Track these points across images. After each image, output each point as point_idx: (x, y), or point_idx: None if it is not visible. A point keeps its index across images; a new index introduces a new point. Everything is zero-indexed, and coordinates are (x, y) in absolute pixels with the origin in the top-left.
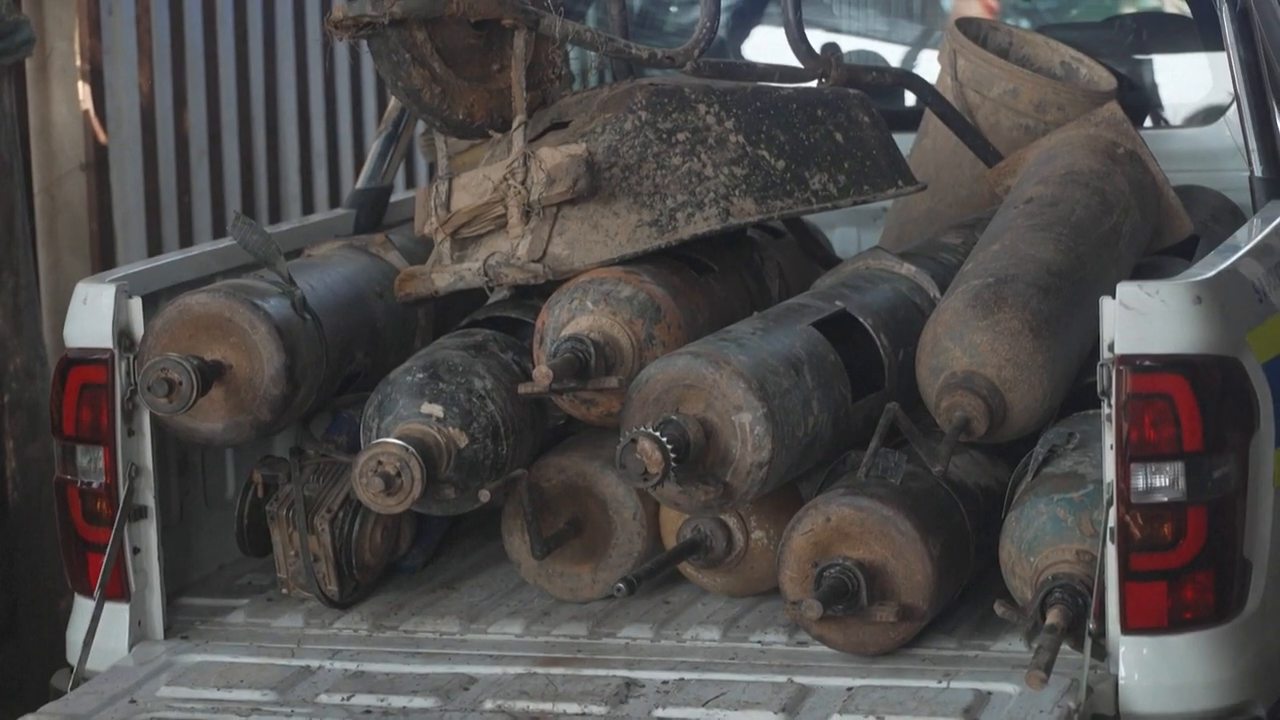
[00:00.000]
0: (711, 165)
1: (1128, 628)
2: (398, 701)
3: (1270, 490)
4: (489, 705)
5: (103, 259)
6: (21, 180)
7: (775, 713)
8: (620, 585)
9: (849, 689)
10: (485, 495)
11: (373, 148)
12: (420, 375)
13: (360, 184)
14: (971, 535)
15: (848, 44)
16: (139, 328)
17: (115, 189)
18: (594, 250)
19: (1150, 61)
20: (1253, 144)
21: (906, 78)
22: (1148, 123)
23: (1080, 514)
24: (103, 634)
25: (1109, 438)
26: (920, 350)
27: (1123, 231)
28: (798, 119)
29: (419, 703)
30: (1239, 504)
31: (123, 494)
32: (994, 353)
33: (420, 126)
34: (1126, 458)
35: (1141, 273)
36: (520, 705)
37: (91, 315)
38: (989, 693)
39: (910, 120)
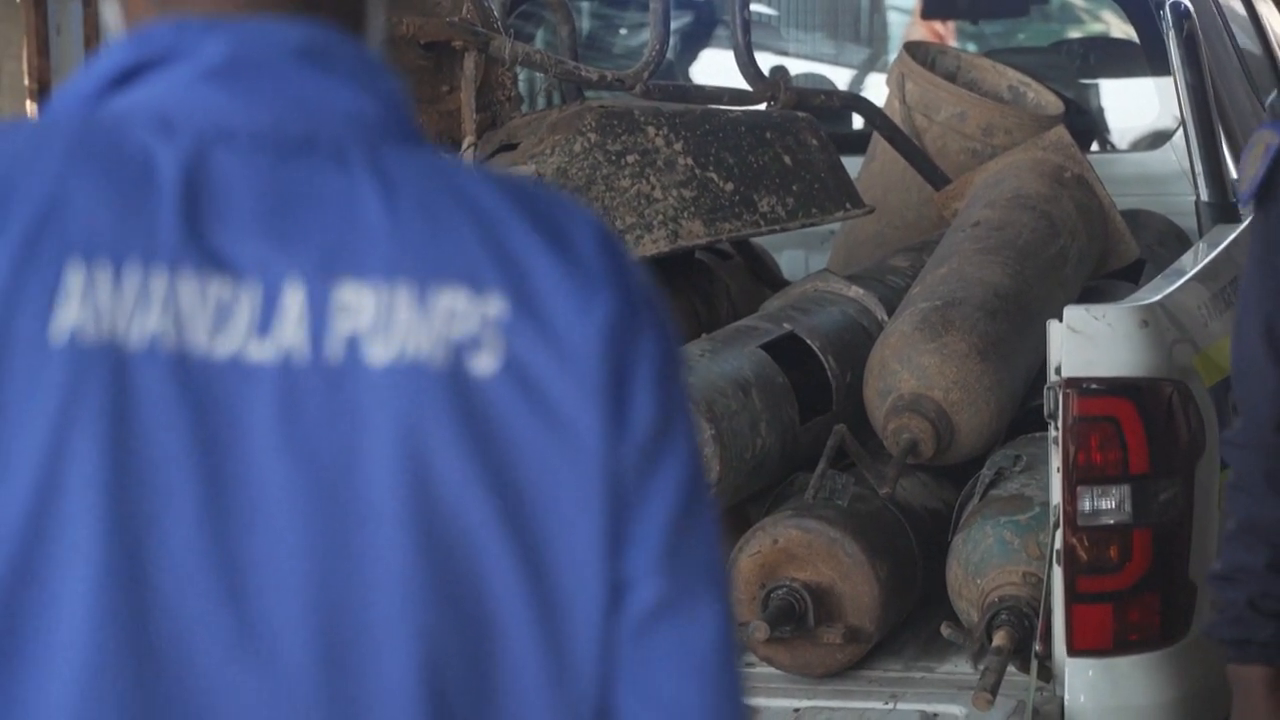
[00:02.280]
0: (660, 187)
1: (1074, 650)
2: None
3: (1216, 513)
4: None
5: None
6: None
7: None
8: None
9: (796, 710)
10: None
11: None
12: None
13: None
14: (919, 557)
15: (796, 67)
16: None
17: None
18: None
19: (1097, 86)
20: (1199, 168)
21: (854, 101)
22: (1095, 147)
23: (1027, 536)
24: None
25: (1055, 460)
26: (868, 373)
27: (1069, 255)
28: (746, 142)
29: None
30: (1185, 527)
31: None
32: (941, 375)
33: None
34: (1073, 480)
35: (1088, 296)
36: None
37: None
38: (935, 714)
39: (858, 143)
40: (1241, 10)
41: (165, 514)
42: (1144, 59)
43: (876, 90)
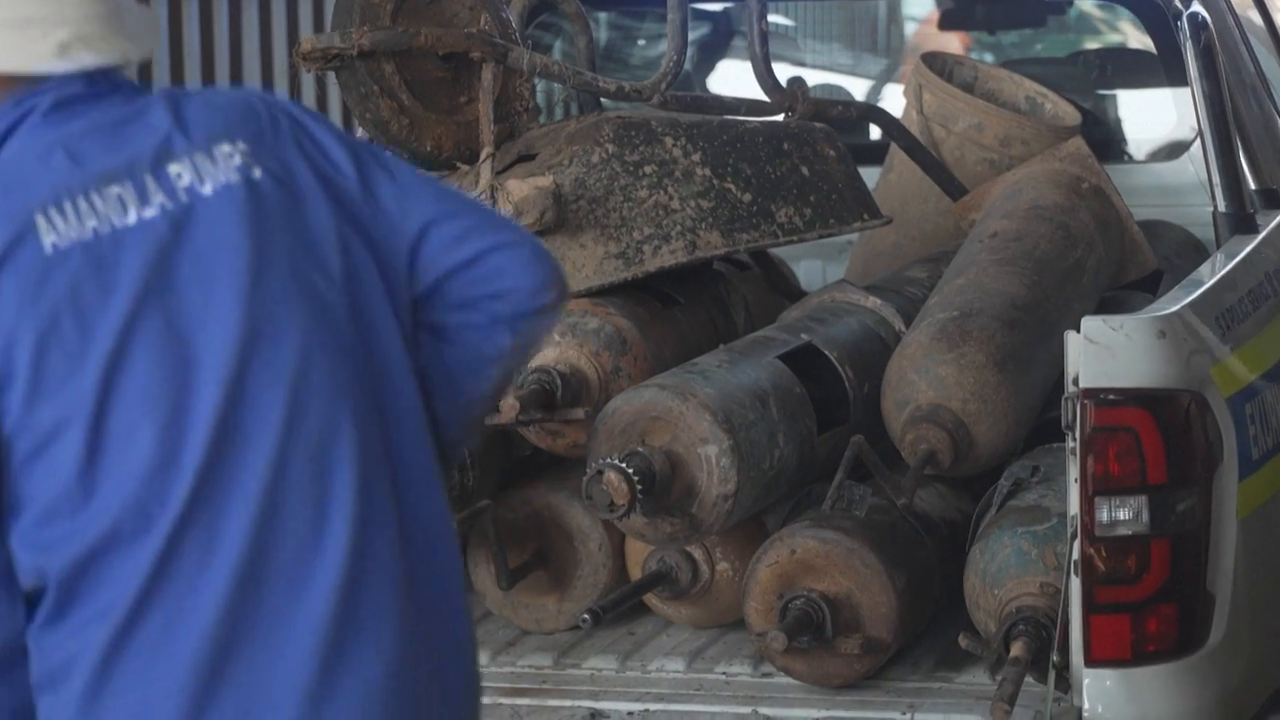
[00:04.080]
0: (678, 198)
1: (1091, 660)
2: None
3: (1233, 524)
4: None
5: None
6: None
7: None
8: (586, 616)
9: None
10: None
11: None
12: None
13: None
14: (936, 568)
15: (813, 78)
16: None
17: None
18: None
19: (1114, 97)
20: (1216, 179)
21: (872, 112)
22: (1112, 157)
23: (1044, 547)
24: None
25: (1073, 471)
26: (885, 383)
27: (1087, 266)
28: (764, 152)
29: None
30: (1202, 537)
31: None
32: (959, 386)
33: None
34: (1090, 491)
35: (1105, 307)
36: None
37: None
38: None
39: (876, 154)
40: (1259, 21)
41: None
42: (1161, 70)
43: (893, 101)
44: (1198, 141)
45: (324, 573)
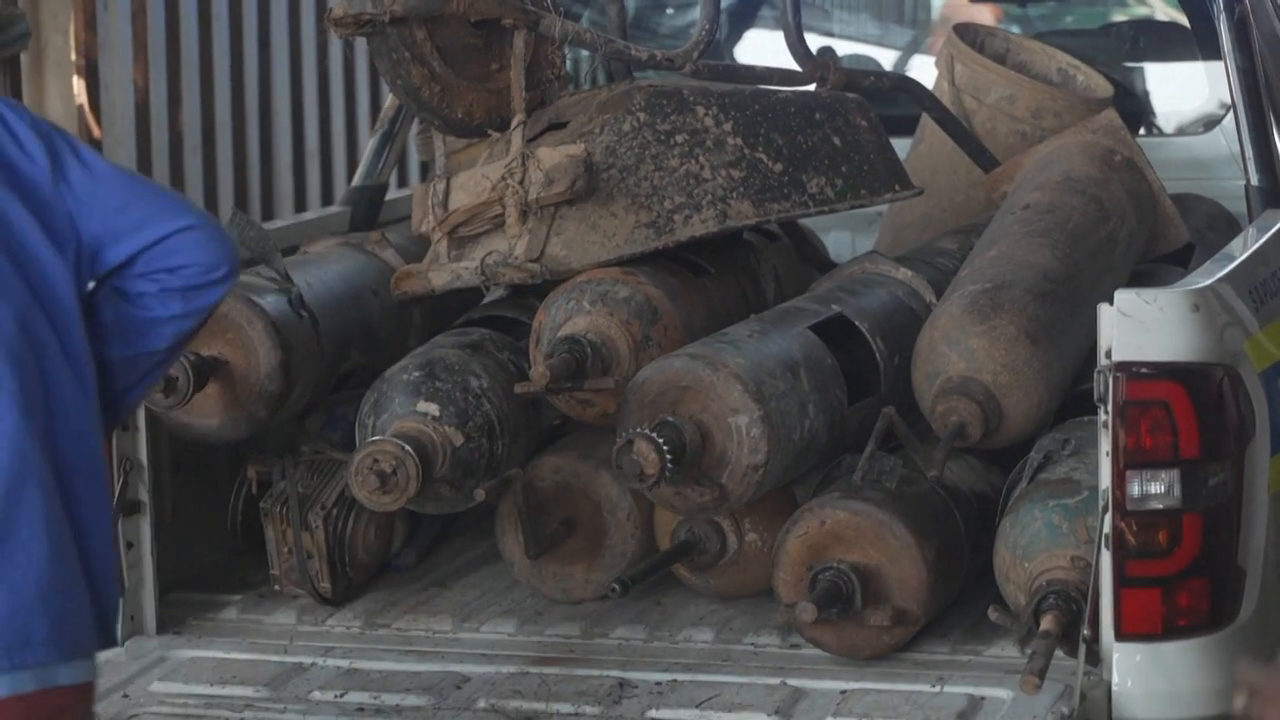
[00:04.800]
0: (709, 167)
1: (1122, 634)
2: (390, 699)
3: (1265, 498)
4: (482, 704)
5: None
6: None
7: (769, 715)
8: (614, 586)
9: (843, 692)
10: (480, 494)
11: (369, 145)
12: (416, 373)
13: (356, 181)
14: (966, 540)
15: (844, 48)
16: None
17: None
18: (591, 251)
19: (1146, 69)
20: (1249, 152)
21: (904, 82)
22: (1144, 130)
23: (1075, 520)
24: None
25: (1105, 444)
26: (916, 355)
27: (1119, 239)
28: (796, 122)
29: (412, 700)
30: (1234, 512)
31: (117, 489)
32: (990, 358)
33: (416, 124)
34: (1122, 464)
35: (1138, 280)
36: (513, 704)
37: None
38: (982, 697)
39: (907, 125)
40: None
41: None
42: (1194, 42)
43: (921, 72)
44: (1230, 115)
45: None
